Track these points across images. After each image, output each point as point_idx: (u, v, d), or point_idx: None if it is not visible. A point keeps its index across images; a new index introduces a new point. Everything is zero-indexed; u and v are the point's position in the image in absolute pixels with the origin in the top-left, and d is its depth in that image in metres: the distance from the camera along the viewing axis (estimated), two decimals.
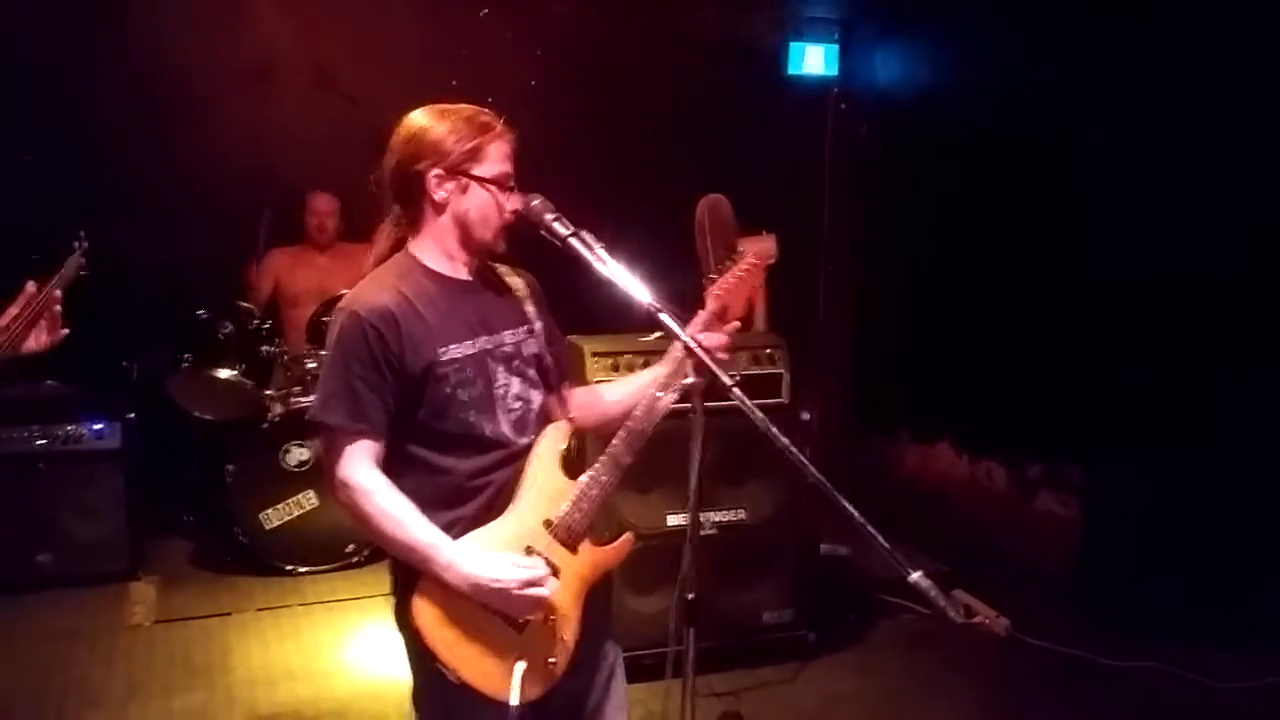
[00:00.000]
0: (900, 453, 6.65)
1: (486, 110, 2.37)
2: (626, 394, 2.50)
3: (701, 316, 2.42)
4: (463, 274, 2.40)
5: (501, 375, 2.37)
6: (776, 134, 6.47)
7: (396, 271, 2.36)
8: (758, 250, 2.49)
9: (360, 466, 2.24)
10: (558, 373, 2.55)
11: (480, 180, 2.31)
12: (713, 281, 2.48)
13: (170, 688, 4.18)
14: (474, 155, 2.30)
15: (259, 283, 5.88)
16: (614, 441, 2.38)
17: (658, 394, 2.36)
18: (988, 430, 5.92)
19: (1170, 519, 4.78)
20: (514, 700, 2.23)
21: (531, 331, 2.47)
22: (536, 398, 2.45)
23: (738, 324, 2.49)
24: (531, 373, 2.45)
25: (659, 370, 2.42)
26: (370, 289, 2.31)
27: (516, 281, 2.52)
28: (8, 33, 5.32)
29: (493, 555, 2.23)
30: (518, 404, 2.40)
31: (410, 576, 2.26)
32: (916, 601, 4.88)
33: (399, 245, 2.42)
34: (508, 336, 2.41)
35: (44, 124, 5.54)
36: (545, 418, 2.47)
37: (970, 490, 6.05)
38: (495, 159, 2.32)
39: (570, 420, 2.49)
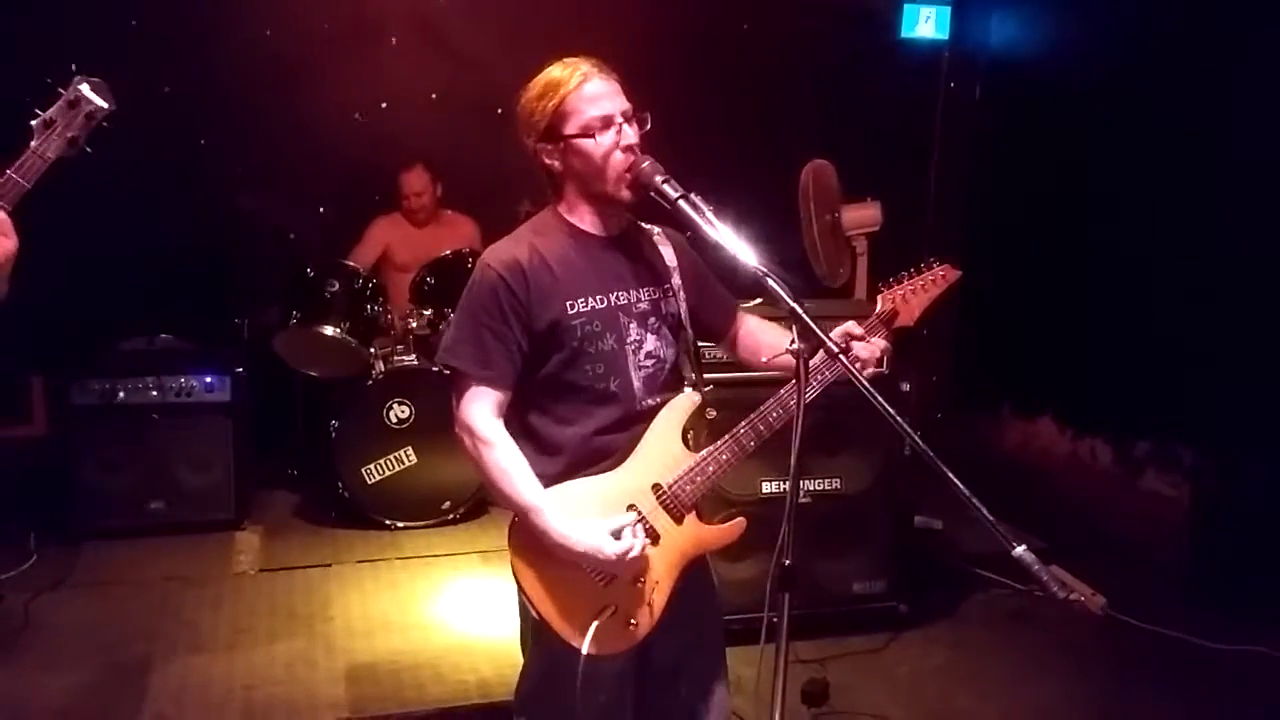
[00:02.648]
0: (1000, 427, 6.53)
1: (566, 63, 2.37)
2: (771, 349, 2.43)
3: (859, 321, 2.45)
4: (603, 231, 2.43)
5: (634, 331, 2.40)
6: (887, 98, 6.36)
7: (535, 228, 2.43)
8: (948, 266, 2.52)
9: (483, 415, 2.31)
10: (712, 325, 2.61)
11: (570, 138, 2.33)
12: (889, 285, 2.49)
13: (273, 634, 4.30)
14: (558, 116, 2.33)
15: (362, 252, 5.94)
16: (742, 425, 2.39)
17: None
18: (1093, 406, 5.78)
19: None
20: (585, 649, 2.28)
21: (671, 291, 2.48)
22: (671, 355, 2.47)
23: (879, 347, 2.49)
24: (668, 331, 2.47)
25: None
26: (507, 244, 2.40)
27: (665, 245, 2.54)
28: None
29: (588, 529, 2.26)
30: (650, 361, 2.42)
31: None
32: (1012, 577, 4.85)
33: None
34: (645, 294, 2.43)
35: (158, 85, 5.69)
36: (681, 377, 2.49)
37: (1072, 467, 5.92)
38: (579, 110, 2.32)
39: (701, 389, 2.49)
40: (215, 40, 5.65)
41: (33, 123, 2.16)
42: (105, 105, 2.21)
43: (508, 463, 2.30)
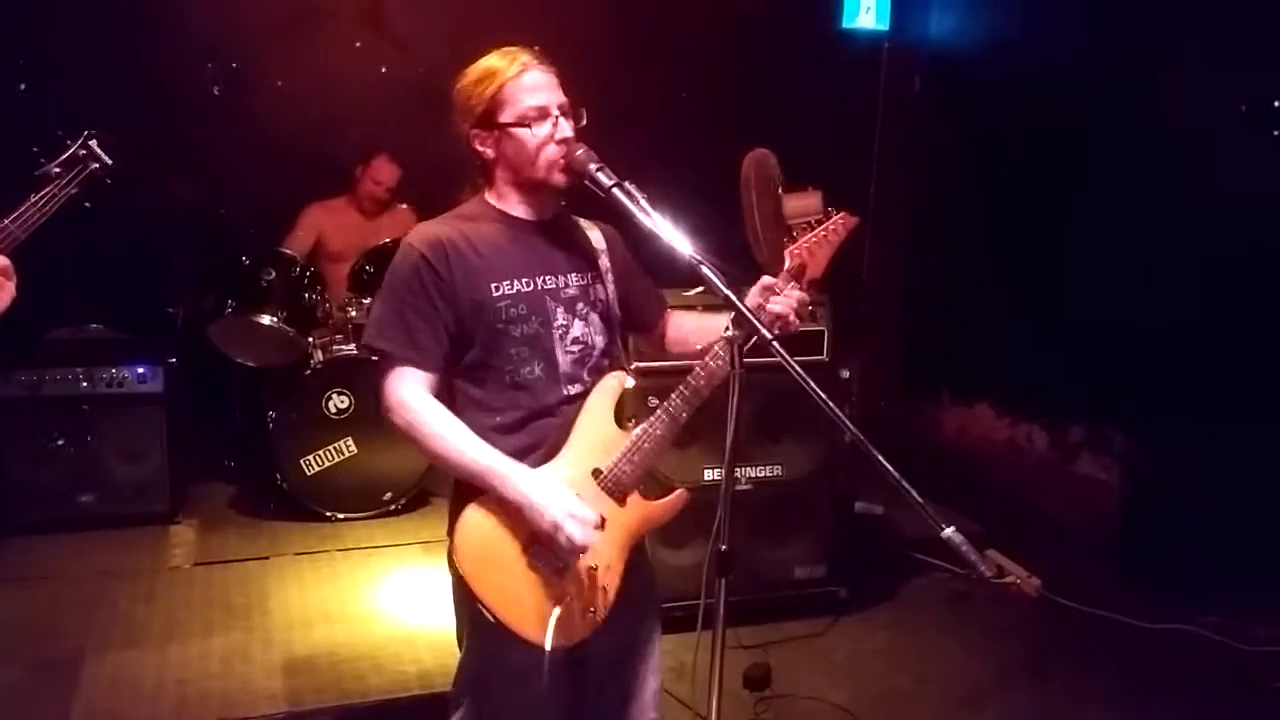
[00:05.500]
0: (940, 414, 6.61)
1: (505, 51, 2.35)
2: (703, 335, 2.49)
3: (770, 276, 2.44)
4: (533, 216, 2.41)
5: (561, 316, 2.38)
6: (828, 89, 6.39)
7: (461, 214, 2.42)
8: (844, 214, 2.51)
9: (412, 389, 2.27)
10: (642, 316, 2.59)
11: (505, 126, 2.32)
12: (793, 240, 2.49)
13: (209, 627, 4.23)
14: (495, 104, 2.32)
15: (297, 237, 5.82)
16: (672, 397, 2.37)
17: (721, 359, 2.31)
18: (1029, 393, 5.86)
19: (1210, 485, 4.73)
20: (548, 644, 2.26)
21: (599, 277, 2.47)
22: (600, 342, 2.45)
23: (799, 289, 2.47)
24: (596, 317, 2.45)
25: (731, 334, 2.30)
26: (431, 225, 2.38)
27: (594, 232, 2.53)
28: None
29: (552, 481, 2.25)
30: (576, 347, 2.40)
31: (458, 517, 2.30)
32: (950, 561, 4.90)
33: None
34: (573, 279, 2.42)
35: (93, 70, 5.56)
36: (610, 364, 2.47)
37: (1009, 452, 6.01)
38: (516, 99, 2.31)
39: (630, 371, 2.48)
40: (147, 27, 5.52)
41: (36, 174, 2.09)
42: (110, 162, 2.15)
43: (446, 427, 2.25)
